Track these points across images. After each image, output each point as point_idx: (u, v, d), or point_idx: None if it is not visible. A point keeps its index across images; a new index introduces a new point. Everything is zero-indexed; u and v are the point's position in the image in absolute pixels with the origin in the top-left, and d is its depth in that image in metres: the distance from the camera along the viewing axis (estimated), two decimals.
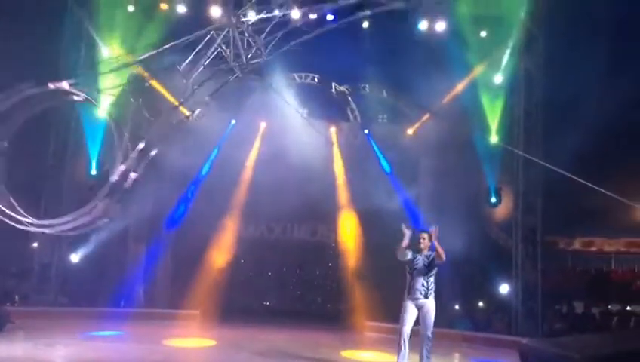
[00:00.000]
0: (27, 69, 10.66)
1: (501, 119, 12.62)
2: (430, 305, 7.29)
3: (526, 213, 12.55)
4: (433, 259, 7.29)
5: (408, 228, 7.36)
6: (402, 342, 7.18)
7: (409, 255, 7.34)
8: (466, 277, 12.55)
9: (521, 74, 12.81)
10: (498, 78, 12.72)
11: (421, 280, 7.27)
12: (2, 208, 8.46)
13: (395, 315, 7.60)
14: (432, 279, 7.31)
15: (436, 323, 7.37)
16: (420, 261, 7.33)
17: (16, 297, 12.34)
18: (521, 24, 12.36)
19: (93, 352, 8.53)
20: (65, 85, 9.18)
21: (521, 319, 12.04)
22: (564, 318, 12.43)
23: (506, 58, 12.63)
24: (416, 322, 7.34)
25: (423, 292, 7.26)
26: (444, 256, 7.20)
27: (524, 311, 12.09)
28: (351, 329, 12.38)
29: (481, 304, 13.27)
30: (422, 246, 7.36)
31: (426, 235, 7.41)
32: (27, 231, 13.13)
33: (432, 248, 7.33)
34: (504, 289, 12.82)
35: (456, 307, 12.91)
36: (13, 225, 9.58)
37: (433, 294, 7.32)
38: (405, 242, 7.30)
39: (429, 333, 7.25)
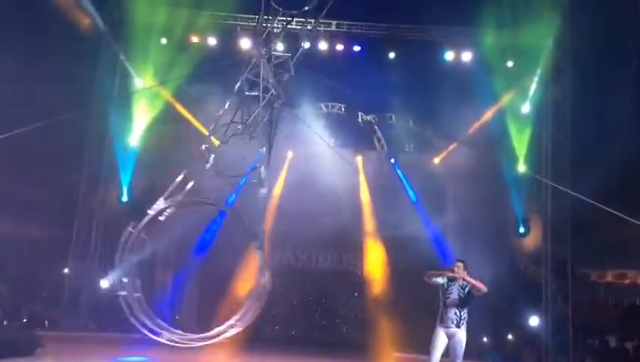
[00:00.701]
0: (65, 98, 11.06)
1: (529, 148, 12.55)
2: (461, 335, 7.15)
3: (556, 244, 12.38)
4: (470, 290, 7.16)
5: (448, 274, 7.23)
6: None
7: (439, 280, 7.24)
8: (494, 308, 12.31)
9: (549, 103, 12.77)
10: (526, 107, 12.70)
11: (454, 310, 7.13)
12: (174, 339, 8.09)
13: (422, 346, 7.49)
14: (465, 310, 7.18)
15: (465, 356, 7.23)
16: (455, 291, 7.19)
17: (46, 322, 12.53)
18: (548, 55, 12.37)
19: None
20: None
21: (551, 353, 11.78)
22: (596, 352, 12.08)
23: (533, 87, 12.62)
24: (446, 354, 7.22)
25: (455, 322, 7.13)
26: (483, 287, 7.08)
27: (554, 345, 11.84)
28: (377, 360, 12.22)
29: (510, 336, 12.98)
30: (457, 275, 7.25)
31: (461, 264, 7.31)
32: (58, 258, 13.54)
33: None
34: (534, 321, 12.56)
35: (485, 339, 12.66)
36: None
37: (465, 325, 7.19)
38: (437, 275, 7.25)
39: None
